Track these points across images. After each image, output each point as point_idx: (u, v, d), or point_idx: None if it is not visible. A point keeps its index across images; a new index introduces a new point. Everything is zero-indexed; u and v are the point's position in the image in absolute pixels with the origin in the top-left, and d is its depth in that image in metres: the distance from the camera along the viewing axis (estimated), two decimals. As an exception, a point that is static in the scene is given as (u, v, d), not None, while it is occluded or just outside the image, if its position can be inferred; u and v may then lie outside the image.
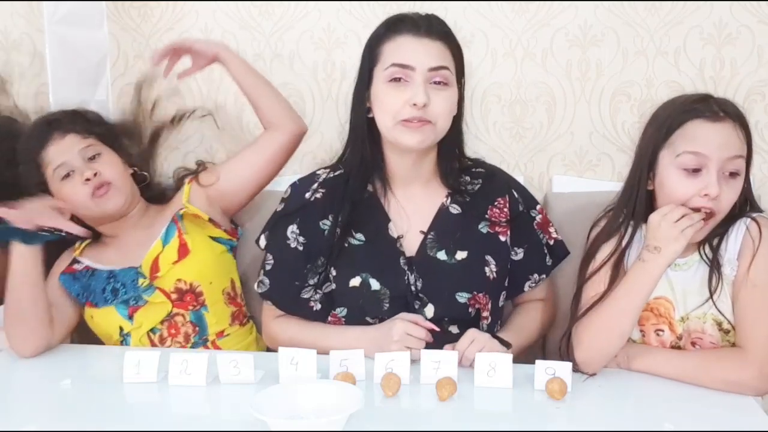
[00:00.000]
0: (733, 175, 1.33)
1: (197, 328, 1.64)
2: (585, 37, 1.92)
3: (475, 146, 1.96)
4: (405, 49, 1.42)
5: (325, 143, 2.04)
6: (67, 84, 1.92)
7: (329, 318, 1.53)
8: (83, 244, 1.69)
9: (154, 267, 1.62)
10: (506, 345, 1.41)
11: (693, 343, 1.40)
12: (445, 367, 1.31)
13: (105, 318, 1.63)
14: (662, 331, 1.42)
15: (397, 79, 1.41)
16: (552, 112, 1.97)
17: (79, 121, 1.65)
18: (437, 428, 1.21)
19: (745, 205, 1.40)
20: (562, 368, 1.29)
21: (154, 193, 1.77)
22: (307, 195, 1.55)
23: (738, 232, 1.37)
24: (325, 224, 1.52)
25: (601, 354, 1.36)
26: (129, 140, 1.77)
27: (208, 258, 1.67)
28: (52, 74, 1.88)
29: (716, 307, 1.36)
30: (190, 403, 1.31)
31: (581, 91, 1.95)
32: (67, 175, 1.59)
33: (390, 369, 1.31)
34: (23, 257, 1.50)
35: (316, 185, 1.56)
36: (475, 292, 1.47)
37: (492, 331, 1.49)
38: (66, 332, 1.62)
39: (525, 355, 1.50)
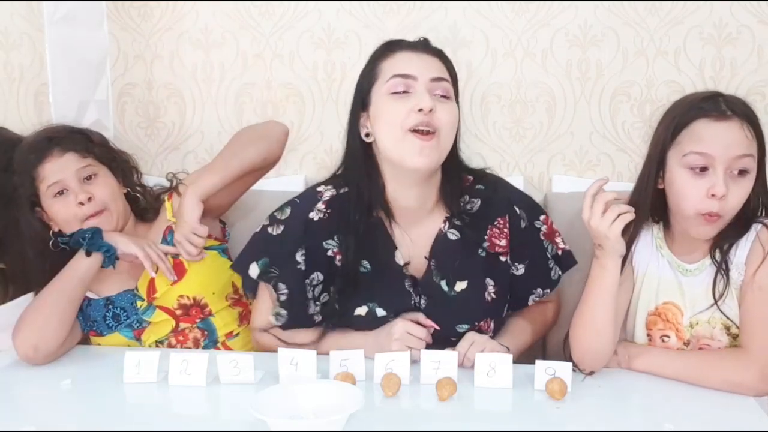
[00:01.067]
0: (743, 173, 1.31)
1: (206, 333, 1.64)
2: (585, 37, 1.92)
3: (475, 146, 1.96)
4: (405, 61, 1.42)
5: (325, 143, 2.04)
6: (67, 84, 1.92)
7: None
8: None
9: (151, 288, 1.60)
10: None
11: (700, 350, 1.39)
12: (445, 367, 1.31)
13: (113, 343, 1.62)
14: (668, 337, 1.41)
15: (399, 92, 1.39)
16: (552, 112, 1.97)
17: (80, 141, 1.64)
18: (437, 428, 1.21)
19: (760, 208, 1.37)
20: (562, 368, 1.29)
21: (141, 209, 1.73)
22: (312, 215, 1.50)
23: (748, 236, 1.35)
24: (330, 244, 1.49)
25: (588, 353, 1.36)
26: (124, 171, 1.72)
27: (206, 270, 1.65)
28: (52, 74, 1.87)
29: (720, 310, 1.35)
30: (190, 403, 1.31)
31: (581, 91, 1.95)
32: (60, 193, 1.59)
33: (390, 369, 1.31)
34: (89, 267, 1.53)
35: (321, 205, 1.51)
36: (476, 323, 1.46)
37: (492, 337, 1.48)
38: (66, 351, 1.56)
39: (525, 356, 1.50)
